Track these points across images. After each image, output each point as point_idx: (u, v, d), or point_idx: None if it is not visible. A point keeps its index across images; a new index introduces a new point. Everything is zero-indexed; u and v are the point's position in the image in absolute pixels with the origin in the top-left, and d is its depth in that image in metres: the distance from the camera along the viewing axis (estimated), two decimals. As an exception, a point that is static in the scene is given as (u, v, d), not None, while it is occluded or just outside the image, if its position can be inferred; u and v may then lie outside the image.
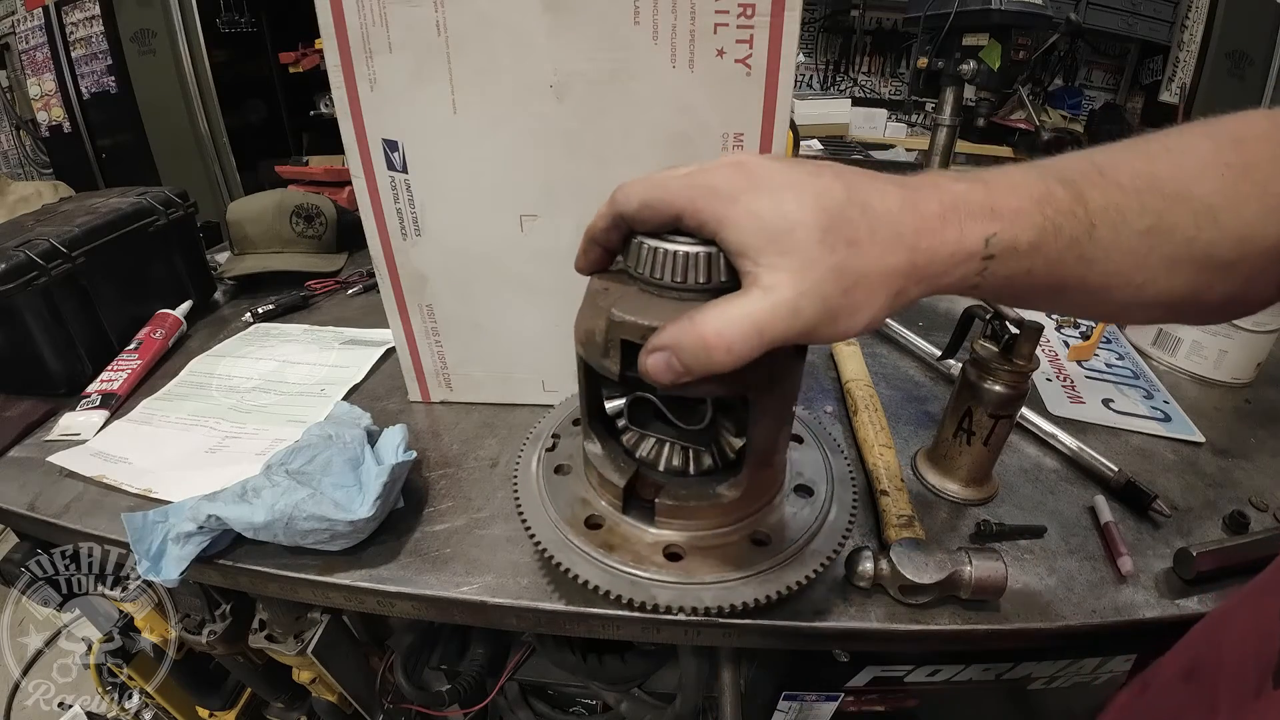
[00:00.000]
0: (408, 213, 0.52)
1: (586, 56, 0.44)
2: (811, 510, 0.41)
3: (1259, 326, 0.65)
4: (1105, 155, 0.30)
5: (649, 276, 0.30)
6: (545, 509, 0.40)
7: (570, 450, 0.44)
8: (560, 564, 0.37)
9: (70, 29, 2.32)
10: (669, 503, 0.38)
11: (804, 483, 0.42)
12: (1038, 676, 0.51)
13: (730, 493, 0.37)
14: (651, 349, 0.27)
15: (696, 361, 0.26)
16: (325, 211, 0.96)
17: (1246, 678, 0.24)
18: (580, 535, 0.38)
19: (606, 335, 0.30)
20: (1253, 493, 0.52)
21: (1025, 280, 0.28)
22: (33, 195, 1.86)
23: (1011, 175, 0.28)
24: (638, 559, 0.37)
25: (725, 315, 0.25)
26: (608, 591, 0.35)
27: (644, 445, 0.39)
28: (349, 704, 0.68)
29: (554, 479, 0.42)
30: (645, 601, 0.35)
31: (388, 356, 0.71)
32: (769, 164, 0.28)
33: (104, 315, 0.69)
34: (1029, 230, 0.26)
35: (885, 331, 0.76)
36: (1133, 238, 0.28)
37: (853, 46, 2.87)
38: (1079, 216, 0.27)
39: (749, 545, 0.38)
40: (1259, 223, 0.28)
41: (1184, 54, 2.34)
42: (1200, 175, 0.28)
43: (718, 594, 0.36)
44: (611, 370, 0.31)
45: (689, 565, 0.37)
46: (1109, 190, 0.28)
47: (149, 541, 0.44)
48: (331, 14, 0.44)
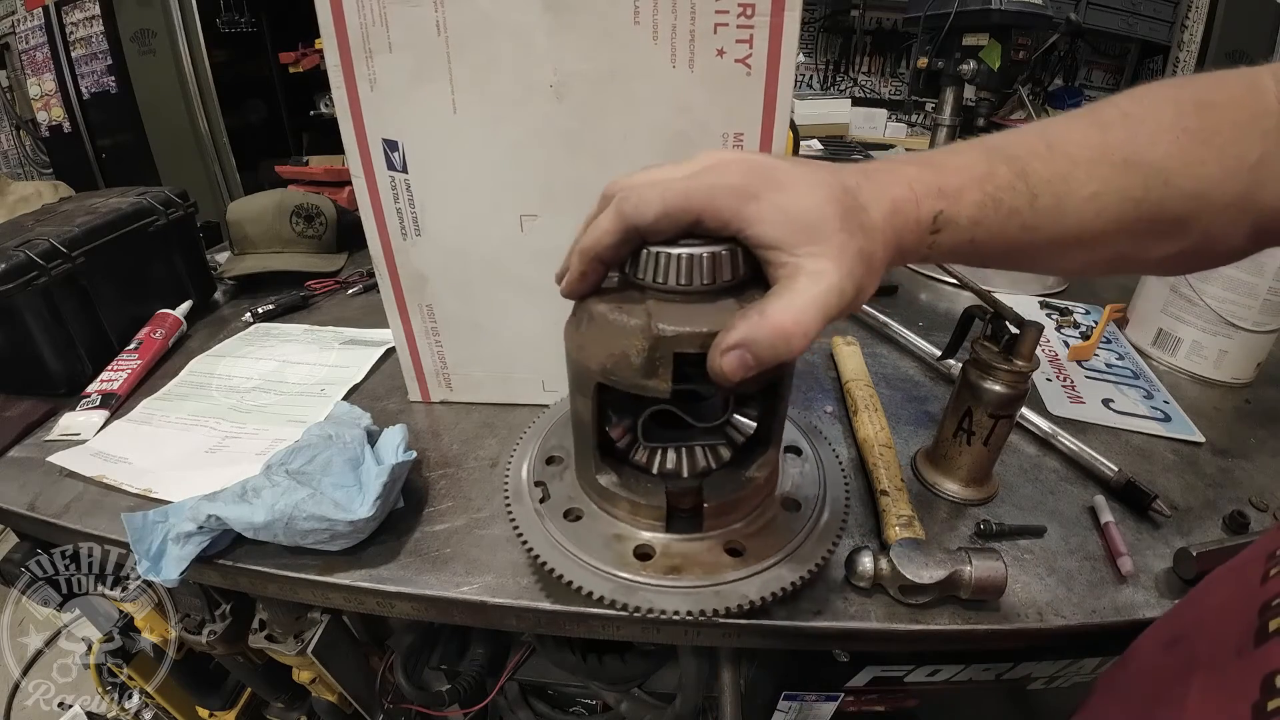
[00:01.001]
0: (408, 213, 0.52)
1: (586, 56, 0.44)
2: (810, 466, 0.43)
3: (1259, 326, 0.65)
4: (1059, 126, 0.32)
5: (676, 284, 0.29)
6: (584, 560, 0.37)
7: (566, 492, 0.41)
8: (647, 610, 0.34)
9: (70, 29, 2.32)
10: (716, 502, 0.37)
11: (789, 444, 0.45)
12: (1038, 676, 0.51)
13: (761, 473, 0.38)
14: (725, 348, 0.27)
15: (774, 353, 0.27)
16: (325, 211, 0.96)
17: (1227, 640, 0.24)
18: (638, 571, 0.36)
19: (653, 353, 0.29)
20: (1253, 493, 0.52)
21: (969, 248, 0.31)
22: (33, 195, 1.86)
23: (959, 157, 0.31)
24: (707, 569, 0.36)
25: (795, 305, 0.27)
26: (701, 611, 0.34)
27: (660, 459, 0.38)
28: (349, 704, 0.68)
29: (570, 527, 0.39)
30: (740, 605, 0.35)
31: (388, 356, 0.71)
32: (770, 160, 0.29)
33: (104, 315, 0.69)
34: (969, 206, 0.30)
35: (885, 331, 0.76)
36: (1078, 204, 0.30)
37: (853, 46, 2.86)
38: (1019, 190, 0.30)
39: (785, 514, 0.40)
40: (1214, 181, 0.30)
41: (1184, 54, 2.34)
42: (1154, 140, 0.30)
43: (792, 566, 0.36)
44: (660, 389, 0.30)
45: (752, 554, 0.37)
46: (1056, 162, 0.30)
47: (149, 541, 0.44)
48: (331, 14, 0.44)
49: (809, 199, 0.27)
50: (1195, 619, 0.30)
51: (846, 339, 0.70)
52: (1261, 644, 0.22)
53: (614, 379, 0.31)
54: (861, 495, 0.51)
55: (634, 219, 0.28)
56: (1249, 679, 0.22)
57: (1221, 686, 0.24)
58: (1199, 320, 0.68)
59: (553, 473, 0.43)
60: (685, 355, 0.29)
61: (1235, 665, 0.23)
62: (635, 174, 0.30)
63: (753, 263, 0.30)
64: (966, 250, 0.31)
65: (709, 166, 0.28)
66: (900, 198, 0.29)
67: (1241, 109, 0.30)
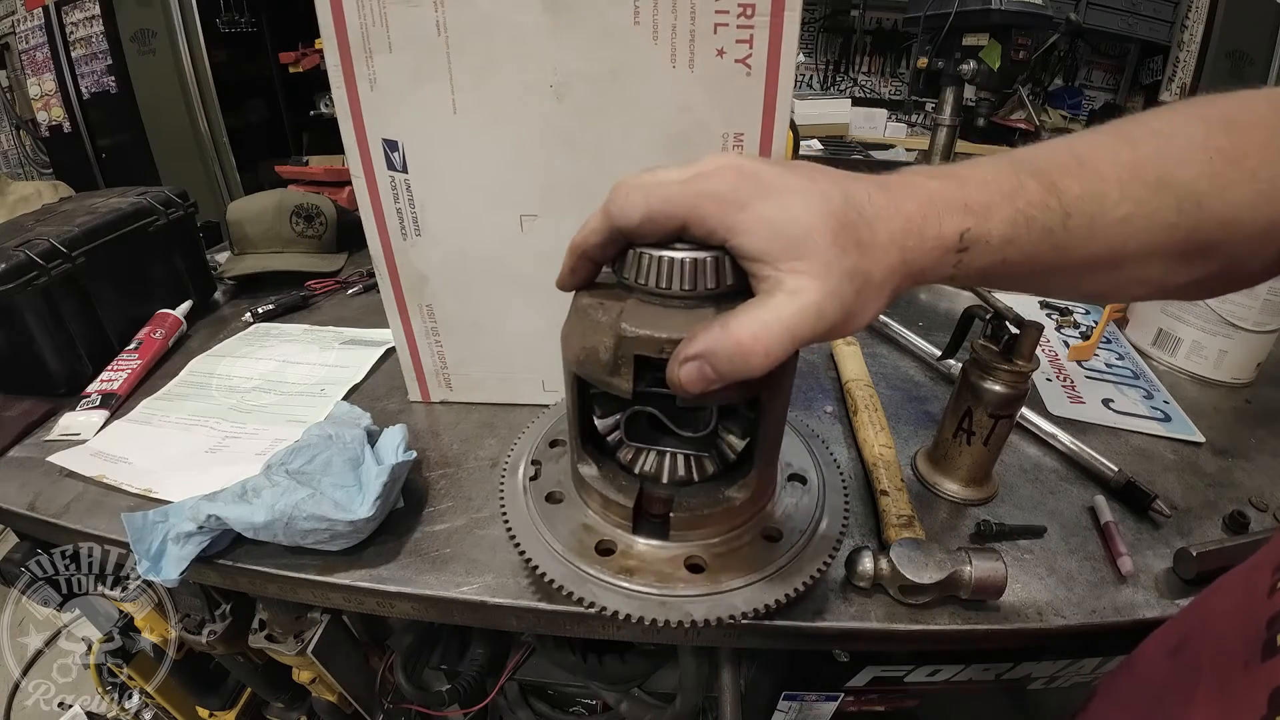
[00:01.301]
0: (408, 213, 0.52)
1: (586, 56, 0.44)
2: (809, 497, 0.41)
3: (1259, 326, 0.65)
4: (1087, 142, 0.30)
5: (655, 287, 0.29)
6: (548, 542, 0.38)
7: (556, 475, 0.42)
8: (583, 599, 0.35)
9: (70, 29, 2.32)
10: (684, 515, 0.37)
11: (794, 472, 0.43)
12: (1037, 676, 0.51)
13: (740, 494, 0.37)
14: (684, 359, 0.27)
15: (732, 367, 0.26)
16: (325, 211, 0.96)
17: (1233, 651, 0.24)
18: (595, 564, 0.36)
19: (616, 352, 0.29)
20: (1253, 493, 0.52)
21: (1000, 269, 0.28)
22: (33, 195, 1.86)
23: (983, 170, 0.29)
24: (661, 577, 0.36)
25: (759, 320, 0.26)
26: (640, 618, 0.34)
27: (641, 460, 0.38)
28: (349, 704, 0.68)
29: (547, 509, 0.40)
30: (681, 621, 0.34)
31: (388, 356, 0.71)
32: (766, 167, 0.27)
33: (104, 315, 0.69)
34: (1000, 224, 0.27)
35: (885, 331, 0.76)
36: (1110, 225, 0.28)
37: (853, 46, 2.87)
38: (1052, 208, 0.28)
39: (763, 543, 0.38)
40: (1246, 206, 0.28)
41: (1184, 54, 2.34)
42: (1186, 160, 0.28)
43: (749, 597, 0.35)
44: (622, 388, 0.30)
45: (712, 574, 0.36)
46: (1086, 179, 0.28)
47: (149, 541, 0.44)
48: (331, 14, 0.44)
49: (798, 210, 0.26)
50: (1200, 626, 0.30)
51: (846, 339, 0.70)
52: (1269, 658, 0.22)
53: (584, 372, 0.31)
54: (861, 495, 0.51)
55: (618, 220, 0.28)
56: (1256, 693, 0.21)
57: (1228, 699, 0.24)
58: (1199, 320, 0.68)
59: (552, 455, 0.44)
60: (649, 359, 0.29)
61: (1242, 678, 0.23)
62: (640, 174, 0.30)
63: (740, 273, 0.29)
64: (996, 272, 0.29)
65: (702, 172, 0.27)
66: (915, 214, 0.27)
67: (1268, 129, 0.29)
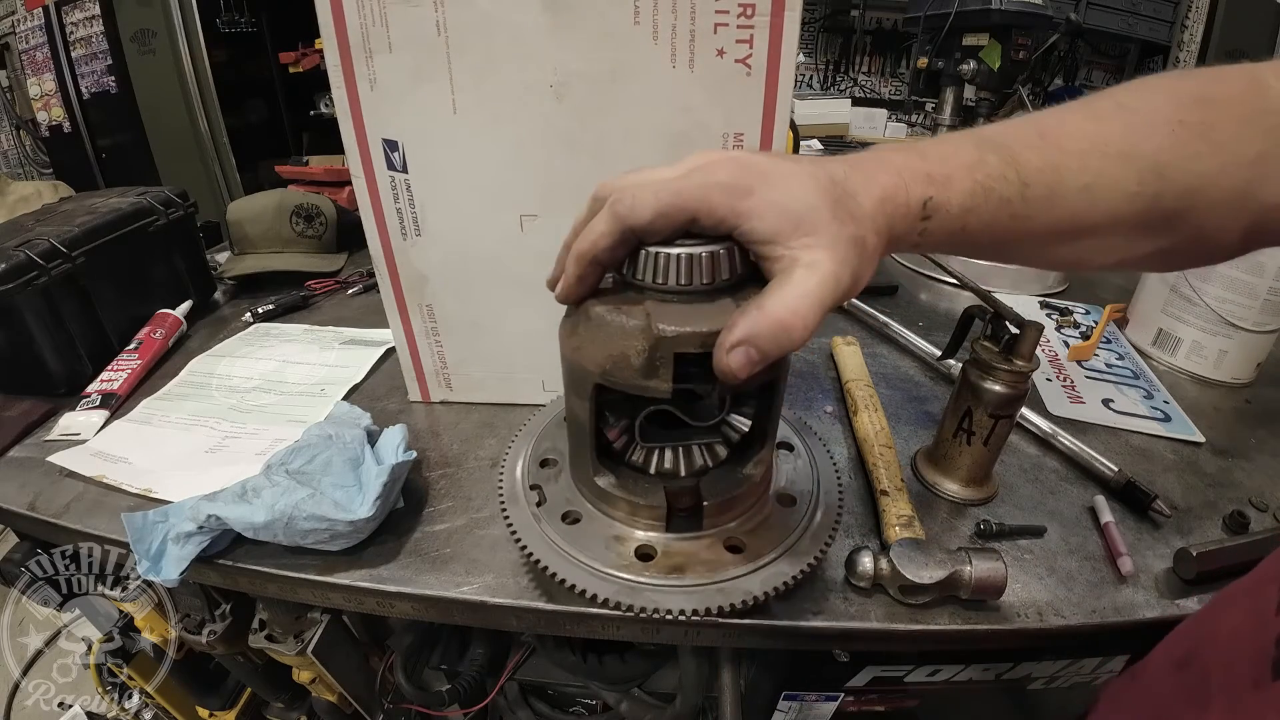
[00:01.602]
0: (408, 213, 0.52)
1: (586, 56, 0.44)
2: (803, 462, 0.44)
3: (1259, 326, 0.65)
4: (1052, 117, 0.32)
5: (674, 285, 0.30)
6: (585, 563, 0.37)
7: (562, 495, 0.41)
8: (653, 610, 0.34)
9: (70, 29, 2.32)
10: (716, 501, 0.38)
11: (781, 440, 0.45)
12: (1038, 676, 0.51)
13: (757, 470, 0.38)
14: (729, 346, 0.27)
15: (776, 345, 0.27)
16: (325, 211, 0.96)
17: (1242, 669, 0.24)
18: (641, 572, 0.36)
19: (654, 354, 0.29)
20: (1253, 493, 0.52)
21: (962, 237, 0.30)
22: (33, 195, 1.85)
23: (946, 146, 0.31)
24: (711, 566, 0.36)
25: (791, 296, 0.27)
26: (720, 608, 0.35)
27: (657, 458, 0.37)
28: (349, 704, 0.68)
29: (568, 530, 0.39)
30: (745, 600, 0.35)
31: (388, 356, 0.71)
32: (758, 157, 0.29)
33: (104, 315, 0.69)
34: (960, 194, 0.29)
35: (885, 331, 0.76)
36: (1070, 195, 0.30)
37: (853, 46, 2.87)
38: (1010, 179, 0.30)
39: (781, 510, 0.40)
40: (1212, 175, 0.30)
41: (1184, 54, 2.34)
42: (1149, 133, 0.30)
43: (792, 561, 0.37)
44: (660, 389, 0.30)
45: (752, 550, 0.37)
46: (1047, 152, 0.30)
47: (149, 541, 0.44)
48: (331, 14, 0.44)
49: (800, 191, 0.27)
50: (1207, 640, 0.30)
51: (846, 339, 0.70)
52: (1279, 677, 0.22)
53: (613, 380, 0.31)
54: (861, 495, 0.51)
55: (630, 220, 0.28)
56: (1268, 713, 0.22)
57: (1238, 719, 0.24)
58: (1199, 320, 0.68)
59: (547, 475, 0.43)
60: (686, 355, 0.29)
61: (1253, 698, 0.23)
62: (625, 175, 0.30)
63: (748, 261, 0.30)
64: (959, 239, 0.31)
65: (699, 166, 0.28)
66: (889, 184, 0.29)
67: (1243, 105, 0.30)
